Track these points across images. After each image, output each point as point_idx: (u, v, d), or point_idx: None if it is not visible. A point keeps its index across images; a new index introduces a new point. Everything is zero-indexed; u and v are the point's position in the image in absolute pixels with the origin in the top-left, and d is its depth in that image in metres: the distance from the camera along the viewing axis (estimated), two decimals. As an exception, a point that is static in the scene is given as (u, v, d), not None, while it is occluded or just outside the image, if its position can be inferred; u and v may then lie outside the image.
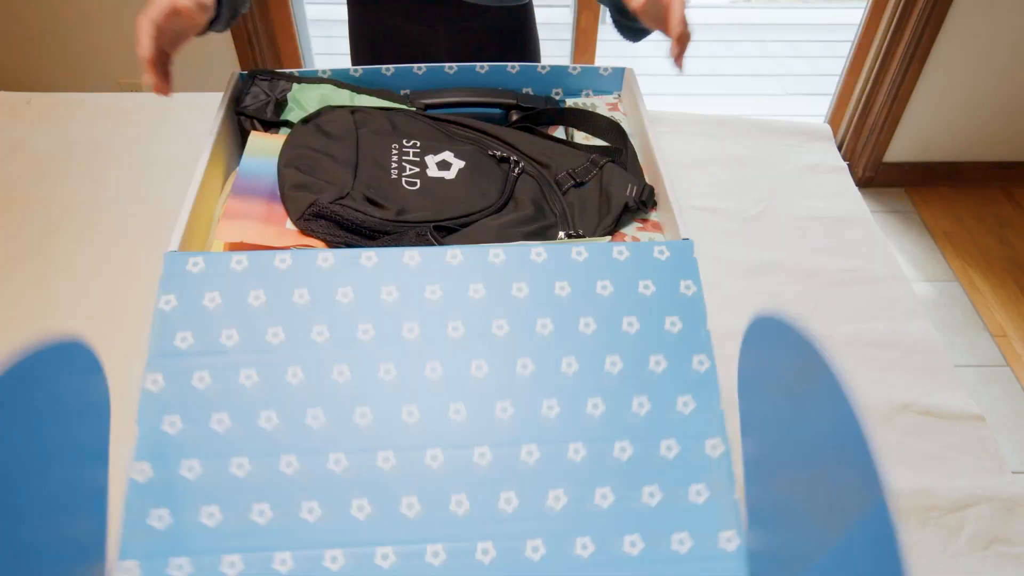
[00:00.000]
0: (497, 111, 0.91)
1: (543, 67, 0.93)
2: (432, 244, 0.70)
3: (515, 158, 0.81)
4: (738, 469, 0.58)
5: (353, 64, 1.17)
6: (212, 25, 0.77)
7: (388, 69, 0.91)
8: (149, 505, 0.55)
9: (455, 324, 0.61)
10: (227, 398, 0.57)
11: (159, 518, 0.55)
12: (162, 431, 0.56)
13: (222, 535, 0.55)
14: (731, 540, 0.57)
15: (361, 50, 1.18)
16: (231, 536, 0.55)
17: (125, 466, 0.56)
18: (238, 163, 0.88)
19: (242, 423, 0.57)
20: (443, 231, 0.73)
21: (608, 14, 0.96)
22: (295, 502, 0.56)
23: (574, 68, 0.94)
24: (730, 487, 0.58)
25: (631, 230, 0.78)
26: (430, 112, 0.88)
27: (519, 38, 1.16)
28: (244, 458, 0.56)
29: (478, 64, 0.92)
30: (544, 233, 0.74)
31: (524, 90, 0.95)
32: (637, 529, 0.57)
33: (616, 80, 0.96)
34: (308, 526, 0.56)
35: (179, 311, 0.60)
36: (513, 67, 0.92)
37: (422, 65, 0.92)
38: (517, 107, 0.90)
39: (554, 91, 0.96)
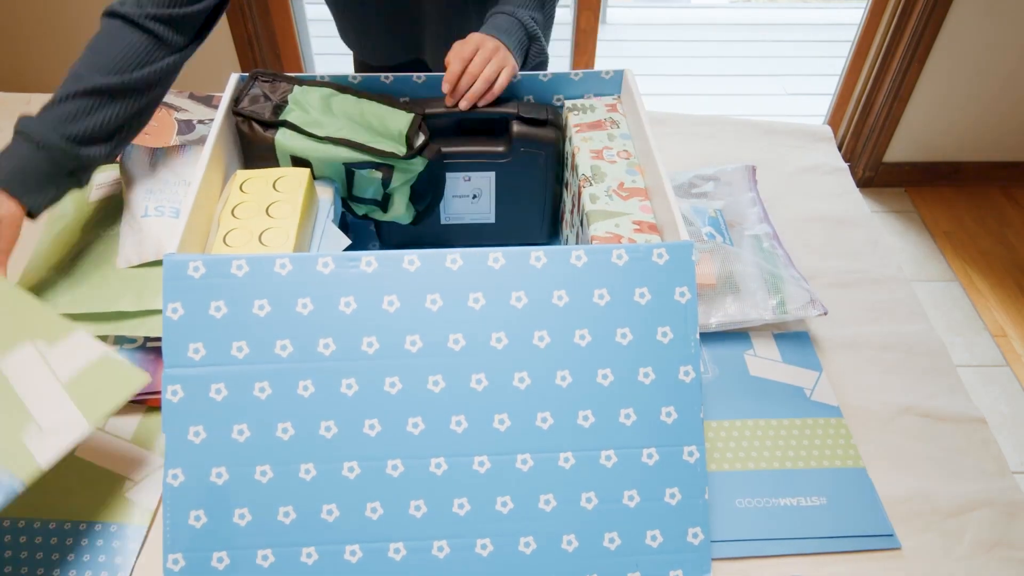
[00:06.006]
0: (497, 119, 0.91)
1: (544, 75, 0.93)
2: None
3: None
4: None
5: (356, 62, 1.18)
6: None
7: (387, 77, 0.91)
8: (187, 507, 0.62)
9: (456, 336, 0.64)
10: (245, 410, 0.62)
11: (196, 518, 0.62)
12: (188, 440, 0.62)
13: (254, 533, 0.62)
14: (697, 536, 0.66)
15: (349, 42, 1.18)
16: (262, 534, 0.62)
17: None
18: (238, 164, 0.88)
19: (261, 434, 0.63)
20: None
21: (605, 14, 1.00)
22: (316, 505, 0.63)
23: (575, 74, 0.94)
24: (701, 489, 0.66)
25: (628, 232, 0.78)
26: (430, 119, 0.88)
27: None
28: (267, 466, 0.63)
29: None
30: None
31: (526, 98, 0.95)
32: (616, 528, 0.65)
33: (617, 83, 0.96)
34: (328, 525, 0.62)
35: (187, 320, 0.62)
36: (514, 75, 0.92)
37: (422, 75, 0.92)
38: (518, 116, 0.89)
39: (555, 98, 0.96)
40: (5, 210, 0.76)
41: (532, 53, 0.97)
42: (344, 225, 1.00)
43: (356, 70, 1.21)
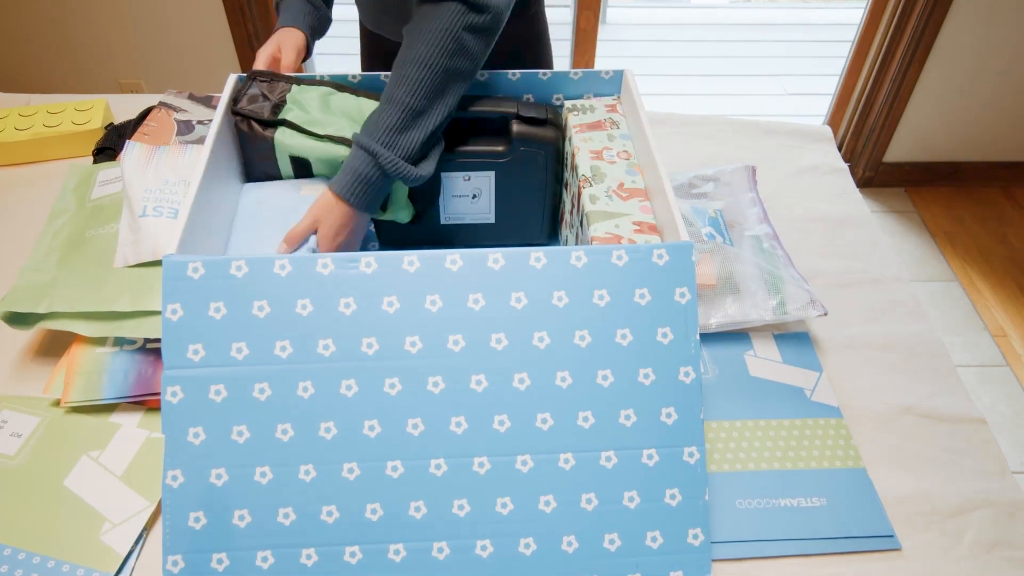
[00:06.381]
0: (497, 120, 0.91)
1: (544, 74, 0.93)
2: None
3: None
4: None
5: (363, 70, 1.18)
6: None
7: (387, 76, 0.91)
8: (187, 508, 0.62)
9: (455, 338, 0.64)
10: (244, 411, 0.62)
11: (196, 519, 0.62)
12: (187, 441, 0.62)
13: (253, 534, 0.62)
14: (697, 536, 0.65)
15: (372, 60, 1.18)
16: (261, 535, 0.62)
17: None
18: (238, 164, 0.88)
19: (261, 435, 0.62)
20: None
21: (605, 14, 1.00)
22: (315, 506, 0.63)
23: (575, 73, 0.94)
24: (701, 490, 0.66)
25: (628, 232, 0.78)
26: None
27: (532, 43, 1.16)
28: (266, 467, 0.62)
29: (478, 72, 0.92)
30: None
31: (525, 97, 0.95)
32: (616, 529, 0.65)
33: (617, 83, 0.95)
34: (328, 527, 0.62)
35: (186, 321, 0.62)
36: (514, 74, 0.92)
37: None
38: (517, 116, 0.89)
39: (555, 97, 0.96)
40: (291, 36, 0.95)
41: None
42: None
43: (361, 41, 1.21)
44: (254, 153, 0.86)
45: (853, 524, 0.75)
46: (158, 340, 0.82)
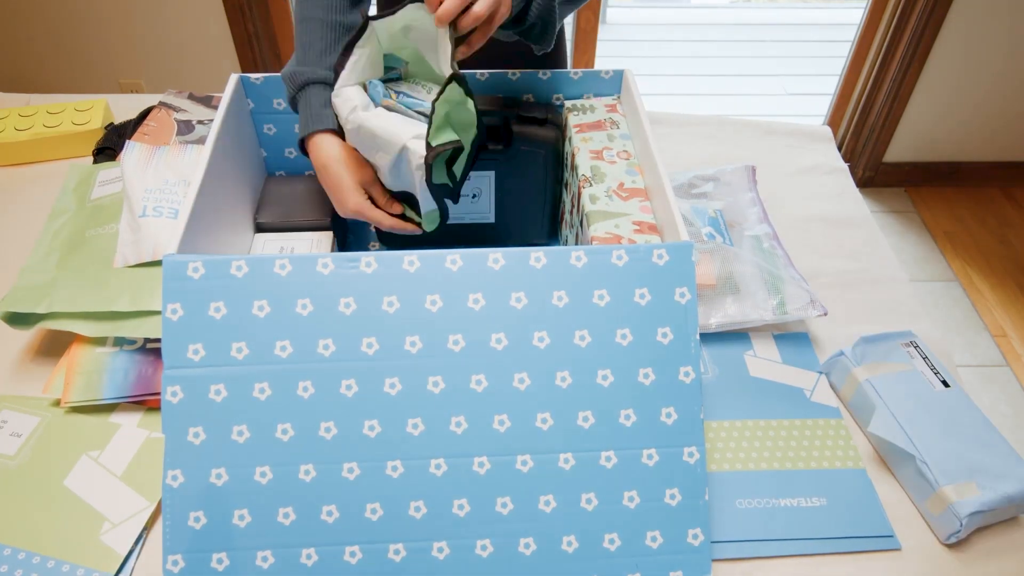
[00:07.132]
0: (497, 120, 0.90)
1: (544, 73, 0.93)
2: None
3: None
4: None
5: None
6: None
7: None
8: (187, 508, 0.62)
9: (455, 337, 0.64)
10: (244, 411, 0.62)
11: (196, 519, 0.62)
12: (187, 441, 0.62)
13: (253, 534, 0.62)
14: (697, 536, 0.65)
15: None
16: (261, 535, 0.62)
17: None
18: (238, 165, 0.88)
19: (261, 435, 0.62)
20: None
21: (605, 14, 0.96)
22: (315, 506, 0.62)
23: (575, 73, 0.94)
24: (701, 490, 0.66)
25: (628, 232, 0.78)
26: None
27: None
28: (266, 467, 0.62)
29: (478, 71, 0.92)
30: None
31: (525, 97, 0.95)
32: (616, 528, 0.65)
33: (617, 83, 0.95)
34: (328, 527, 0.62)
35: (186, 321, 0.62)
36: (514, 74, 0.92)
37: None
38: (518, 116, 0.89)
39: (555, 97, 0.96)
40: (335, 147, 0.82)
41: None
42: (344, 226, 1.00)
43: None
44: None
45: (853, 524, 0.75)
46: (158, 340, 0.82)
